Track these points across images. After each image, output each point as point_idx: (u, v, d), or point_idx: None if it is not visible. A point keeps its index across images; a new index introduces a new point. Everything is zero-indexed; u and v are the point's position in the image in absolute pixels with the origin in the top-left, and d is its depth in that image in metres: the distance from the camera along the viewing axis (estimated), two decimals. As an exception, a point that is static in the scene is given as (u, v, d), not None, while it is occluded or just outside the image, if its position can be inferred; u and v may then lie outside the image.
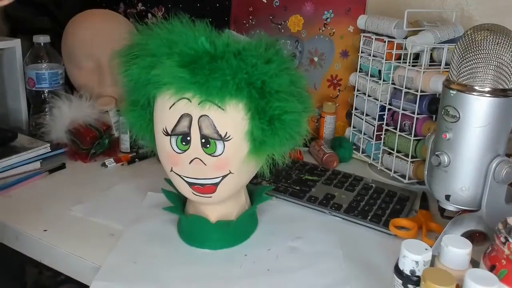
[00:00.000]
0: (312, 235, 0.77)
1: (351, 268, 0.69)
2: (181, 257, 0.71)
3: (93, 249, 0.72)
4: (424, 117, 0.92)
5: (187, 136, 0.65)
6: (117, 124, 1.07)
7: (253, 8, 1.22)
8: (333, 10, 1.13)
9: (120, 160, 1.01)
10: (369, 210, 0.83)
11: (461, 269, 0.52)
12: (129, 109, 0.72)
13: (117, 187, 0.91)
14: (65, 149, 1.01)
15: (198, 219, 0.72)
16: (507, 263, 0.50)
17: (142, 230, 0.76)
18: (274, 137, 0.65)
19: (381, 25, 0.99)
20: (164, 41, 0.64)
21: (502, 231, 0.52)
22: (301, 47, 1.18)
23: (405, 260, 0.54)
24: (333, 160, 1.04)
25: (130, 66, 0.66)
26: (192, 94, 0.63)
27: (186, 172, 0.67)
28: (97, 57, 1.11)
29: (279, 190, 0.90)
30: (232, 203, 0.74)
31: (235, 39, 0.65)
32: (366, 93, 1.04)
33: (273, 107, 0.63)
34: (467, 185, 0.67)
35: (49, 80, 1.11)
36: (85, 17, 1.14)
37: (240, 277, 0.67)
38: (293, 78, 0.67)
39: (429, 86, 0.88)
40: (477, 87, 0.63)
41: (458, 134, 0.66)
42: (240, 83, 0.62)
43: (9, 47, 1.11)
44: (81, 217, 0.80)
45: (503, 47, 0.62)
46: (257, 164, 0.70)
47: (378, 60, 1.01)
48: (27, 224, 0.78)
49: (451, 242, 0.53)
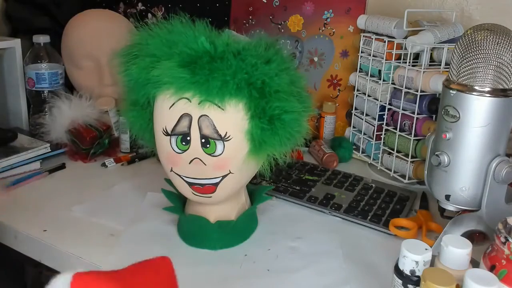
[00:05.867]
0: (312, 235, 0.77)
1: (351, 268, 0.69)
2: (181, 257, 0.70)
3: (93, 249, 0.72)
4: (424, 117, 0.92)
5: (187, 136, 0.65)
6: (117, 124, 1.07)
7: (253, 8, 1.22)
8: (333, 10, 1.13)
9: (120, 160, 1.01)
10: (369, 210, 0.83)
11: (461, 269, 0.52)
12: (129, 109, 0.72)
13: (117, 187, 0.91)
14: (65, 149, 1.01)
15: (198, 219, 0.72)
16: (507, 263, 0.50)
17: (142, 230, 0.77)
18: (274, 137, 0.65)
19: (381, 25, 0.99)
20: (164, 41, 0.64)
21: (502, 231, 0.52)
22: (301, 47, 1.17)
23: (405, 260, 0.54)
24: (333, 160, 1.04)
25: (130, 66, 0.66)
26: (192, 94, 0.63)
27: (186, 172, 0.67)
28: (97, 57, 1.11)
29: (279, 190, 0.90)
30: (232, 203, 0.74)
31: (235, 39, 0.65)
32: (366, 93, 1.04)
33: (273, 107, 0.63)
34: (467, 185, 0.67)
35: (49, 80, 1.11)
36: (85, 17, 1.14)
37: (240, 277, 0.67)
38: (293, 78, 0.67)
39: (429, 86, 0.88)
40: (477, 87, 0.63)
41: (458, 134, 0.66)
42: (240, 83, 0.62)
43: (9, 47, 1.11)
44: (81, 217, 0.80)
45: (503, 47, 0.62)
46: (257, 164, 0.70)
47: (378, 60, 1.01)
48: (27, 224, 0.78)
49: (451, 242, 0.53)
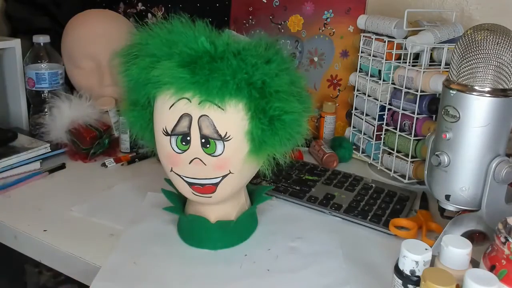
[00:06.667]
0: (312, 235, 0.77)
1: (351, 268, 0.69)
2: (181, 257, 0.71)
3: (93, 249, 0.71)
4: (424, 117, 0.92)
5: (187, 136, 0.65)
6: (117, 124, 1.07)
7: (253, 8, 1.22)
8: (333, 10, 1.13)
9: (120, 160, 1.01)
10: (369, 210, 0.83)
11: (461, 269, 0.52)
12: (129, 109, 0.72)
13: (117, 187, 0.91)
14: (65, 149, 1.01)
15: (198, 219, 0.72)
16: (507, 263, 0.50)
17: (142, 230, 0.76)
18: (274, 137, 0.65)
19: (381, 25, 0.99)
20: (164, 41, 0.64)
21: (502, 231, 0.52)
22: (301, 47, 1.17)
23: (405, 260, 0.54)
24: (333, 160, 1.04)
25: (130, 66, 0.66)
26: (192, 94, 0.63)
27: (186, 172, 0.67)
28: (97, 57, 1.11)
29: (279, 190, 0.90)
30: (232, 203, 0.74)
31: (235, 39, 0.65)
32: (366, 93, 1.04)
33: (273, 107, 0.63)
34: (467, 185, 0.67)
35: (49, 80, 1.11)
36: (85, 17, 1.14)
37: (240, 277, 0.67)
38: (293, 78, 0.67)
39: (429, 86, 0.88)
40: (477, 87, 0.63)
41: (458, 134, 0.66)
42: (240, 83, 0.62)
43: (9, 47, 1.11)
44: (81, 217, 0.80)
45: (503, 47, 0.62)
46: (257, 164, 0.70)
47: (378, 60, 1.01)
48: (27, 224, 0.78)
49: (451, 242, 0.53)
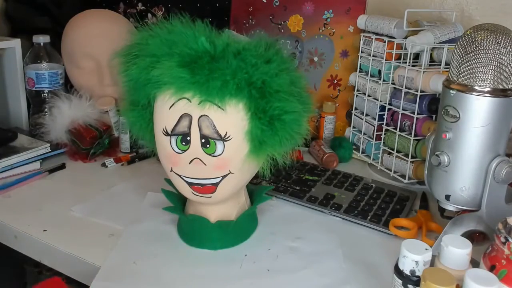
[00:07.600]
0: (312, 235, 0.77)
1: (351, 268, 0.69)
2: (181, 257, 0.71)
3: (93, 249, 0.71)
4: (424, 117, 0.92)
5: (187, 136, 0.65)
6: (117, 124, 1.07)
7: (253, 8, 1.22)
8: (333, 10, 1.13)
9: (120, 160, 1.01)
10: (369, 210, 0.83)
11: (461, 269, 0.52)
12: (129, 109, 0.72)
13: (117, 187, 0.91)
14: (65, 149, 1.01)
15: (198, 219, 0.72)
16: (507, 263, 0.50)
17: (142, 230, 0.76)
18: (274, 137, 0.65)
19: (381, 25, 0.99)
20: (164, 41, 0.64)
21: (502, 231, 0.51)
22: (301, 47, 1.17)
23: (405, 260, 0.54)
24: (333, 160, 1.04)
25: (130, 66, 0.66)
26: (192, 94, 0.63)
27: (186, 172, 0.67)
28: (97, 57, 1.10)
29: (279, 190, 0.90)
30: (232, 203, 0.74)
31: (235, 39, 0.65)
32: (366, 93, 1.04)
33: (273, 107, 0.63)
34: (467, 185, 0.67)
35: (49, 80, 1.11)
36: (85, 17, 1.14)
37: (240, 277, 0.67)
38: (293, 78, 0.67)
39: (429, 86, 0.88)
40: (477, 87, 0.63)
41: (458, 134, 0.66)
42: (240, 83, 0.62)
43: (9, 47, 1.11)
44: (81, 217, 0.80)
45: (503, 47, 0.62)
46: (257, 164, 0.70)
47: (378, 60, 1.01)
48: (27, 224, 0.78)
49: (451, 242, 0.53)
